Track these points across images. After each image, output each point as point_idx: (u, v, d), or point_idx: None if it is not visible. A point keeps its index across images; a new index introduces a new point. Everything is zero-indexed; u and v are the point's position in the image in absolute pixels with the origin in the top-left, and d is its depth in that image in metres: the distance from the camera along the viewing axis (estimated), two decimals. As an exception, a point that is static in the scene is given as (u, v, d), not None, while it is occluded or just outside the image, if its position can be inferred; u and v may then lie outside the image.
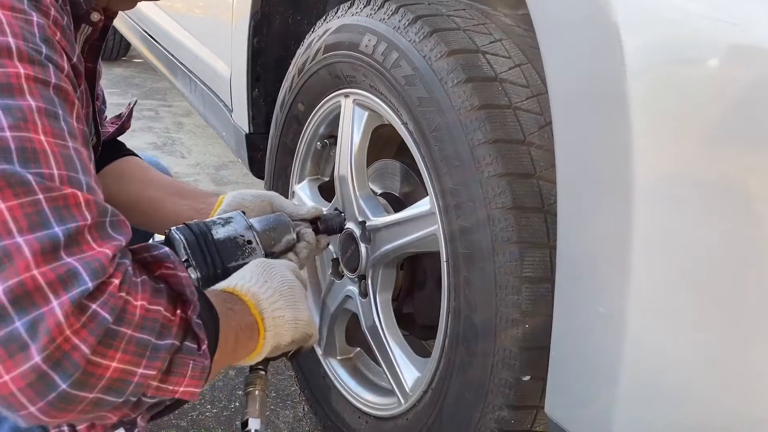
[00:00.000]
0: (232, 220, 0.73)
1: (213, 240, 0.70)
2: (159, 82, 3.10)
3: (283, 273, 0.67)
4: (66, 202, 0.45)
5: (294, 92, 1.04)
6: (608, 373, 0.57)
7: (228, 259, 0.69)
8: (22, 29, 0.48)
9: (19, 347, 0.42)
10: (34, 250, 0.43)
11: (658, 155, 0.53)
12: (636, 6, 0.53)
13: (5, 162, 0.44)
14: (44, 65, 0.49)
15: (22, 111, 0.46)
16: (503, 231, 0.65)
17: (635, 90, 0.52)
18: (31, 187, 0.44)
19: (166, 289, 0.51)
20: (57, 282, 0.43)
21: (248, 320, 0.62)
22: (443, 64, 0.70)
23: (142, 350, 0.47)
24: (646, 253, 0.53)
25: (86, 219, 0.46)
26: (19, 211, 0.43)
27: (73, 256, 0.45)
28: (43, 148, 0.46)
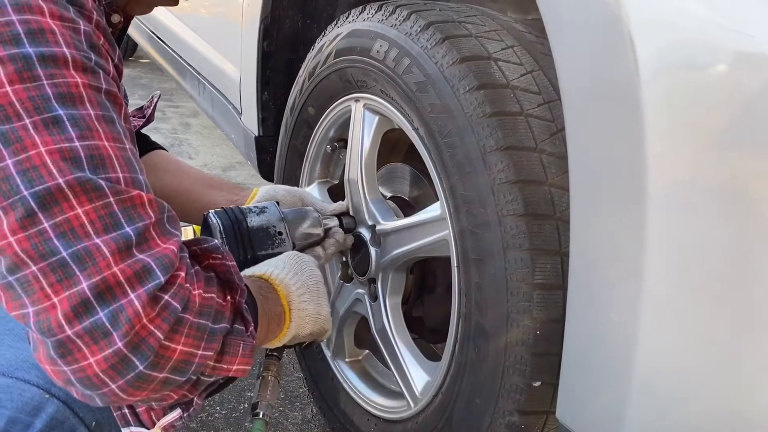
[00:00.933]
0: (267, 210, 0.77)
1: (247, 227, 0.74)
2: (166, 82, 3.11)
3: (312, 268, 0.72)
4: (133, 203, 0.50)
5: (304, 96, 1.04)
6: (620, 379, 0.57)
7: (259, 248, 0.74)
8: (72, 39, 0.51)
9: (102, 334, 0.47)
10: (111, 250, 0.47)
11: (672, 161, 0.53)
12: (649, 12, 0.53)
13: (79, 170, 0.48)
14: (95, 72, 0.52)
15: (85, 120, 0.49)
16: (515, 237, 0.65)
17: (649, 96, 0.52)
18: (103, 192, 0.48)
19: (216, 278, 0.55)
20: (134, 277, 0.48)
21: (278, 309, 0.66)
22: (455, 71, 0.71)
23: (201, 334, 0.51)
24: (659, 259, 0.54)
25: (151, 217, 0.50)
26: (95, 215, 0.48)
27: (144, 252, 0.49)
28: (108, 154, 0.50)
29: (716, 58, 0.52)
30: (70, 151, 0.48)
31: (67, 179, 0.47)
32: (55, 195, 0.47)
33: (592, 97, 0.58)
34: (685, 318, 0.55)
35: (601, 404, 0.60)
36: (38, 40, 0.49)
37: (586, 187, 0.59)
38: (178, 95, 3.02)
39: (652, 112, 0.52)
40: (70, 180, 0.47)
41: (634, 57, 0.52)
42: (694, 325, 0.55)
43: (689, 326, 0.55)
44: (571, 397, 0.63)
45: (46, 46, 0.49)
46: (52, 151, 0.47)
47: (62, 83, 0.49)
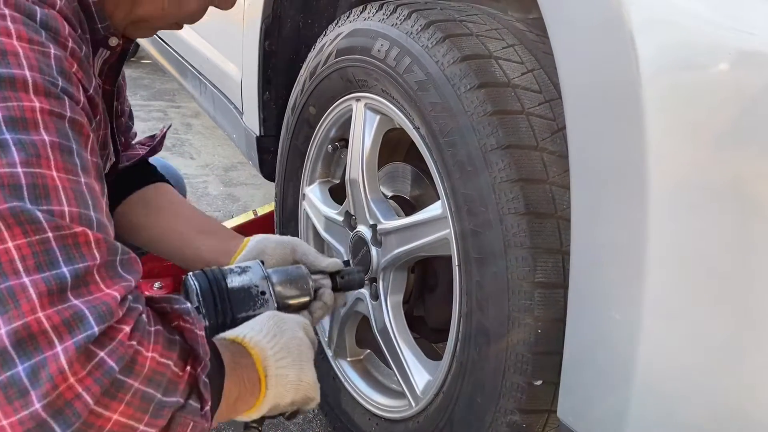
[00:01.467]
0: (249, 269, 0.72)
1: (226, 288, 0.69)
2: (167, 83, 3.12)
3: (294, 329, 0.65)
4: (76, 241, 0.45)
5: (305, 95, 1.04)
6: (622, 378, 0.57)
7: (239, 309, 0.69)
8: (39, 61, 0.48)
9: (19, 392, 0.41)
10: (40, 291, 0.42)
11: (673, 160, 0.53)
12: (650, 11, 0.53)
13: (16, 199, 0.43)
14: (60, 98, 0.48)
15: (35, 146, 0.45)
16: (516, 236, 0.65)
17: (650, 94, 0.52)
18: (41, 225, 0.44)
19: (180, 342, 0.50)
20: (62, 325, 0.42)
21: (252, 376, 0.60)
22: (456, 70, 0.71)
23: (146, 405, 0.45)
24: (661, 258, 0.53)
25: (95, 258, 0.45)
26: (28, 250, 0.43)
27: (80, 297, 0.44)
28: (54, 185, 0.45)
29: (717, 57, 0.52)
30: (10, 177, 0.43)
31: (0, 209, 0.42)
32: None
33: (593, 96, 0.58)
34: (686, 317, 0.55)
35: (602, 403, 0.60)
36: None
37: (587, 185, 0.59)
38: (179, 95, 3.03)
39: (653, 110, 0.52)
40: (2, 210, 0.42)
41: (635, 56, 0.52)
42: (696, 323, 0.55)
43: (691, 325, 0.55)
44: (572, 396, 0.63)
45: (6, 68, 0.46)
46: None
47: (16, 106, 0.45)
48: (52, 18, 0.51)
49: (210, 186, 2.15)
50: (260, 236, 0.85)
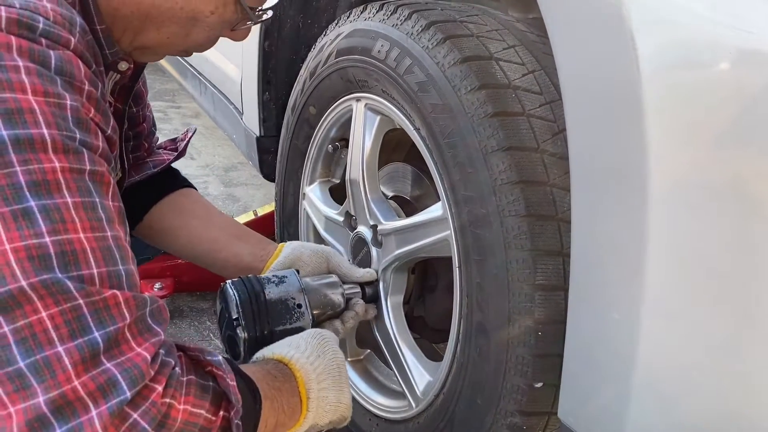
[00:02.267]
0: (286, 279, 0.75)
1: (265, 300, 0.72)
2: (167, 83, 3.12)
3: (335, 349, 0.68)
4: (106, 304, 0.46)
5: (305, 95, 1.04)
6: (622, 378, 0.57)
7: (276, 322, 0.71)
8: (55, 116, 0.48)
9: None
10: (74, 361, 0.44)
11: (673, 160, 0.53)
12: (650, 10, 0.53)
13: (45, 270, 0.45)
14: (78, 152, 0.48)
15: (59, 210, 0.46)
16: (516, 238, 0.65)
17: (650, 95, 0.52)
18: (71, 294, 0.45)
19: (213, 387, 0.52)
20: (97, 391, 0.44)
21: (294, 401, 0.62)
22: (456, 71, 0.70)
23: None
24: (661, 259, 0.53)
25: (125, 318, 0.47)
26: (60, 319, 0.44)
27: (113, 360, 0.46)
28: (82, 248, 0.46)
29: (717, 56, 0.52)
30: (39, 248, 0.44)
31: (32, 282, 0.44)
32: (18, 298, 0.43)
33: (594, 97, 0.57)
34: (686, 317, 0.55)
35: (603, 403, 0.60)
36: (14, 121, 0.46)
37: (587, 186, 0.59)
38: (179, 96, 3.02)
39: (652, 110, 0.52)
40: (34, 282, 0.44)
41: (635, 56, 0.52)
42: (696, 323, 0.55)
43: (691, 325, 0.55)
44: (573, 397, 0.63)
45: (23, 128, 0.46)
46: (18, 248, 0.44)
47: (37, 169, 0.46)
48: (66, 62, 0.50)
49: (210, 186, 2.15)
50: (295, 243, 0.88)
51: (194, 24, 0.64)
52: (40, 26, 0.49)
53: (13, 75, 0.46)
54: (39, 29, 0.48)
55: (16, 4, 0.49)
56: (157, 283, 1.35)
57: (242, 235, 0.90)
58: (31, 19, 0.48)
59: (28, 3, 0.49)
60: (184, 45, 0.67)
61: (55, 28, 0.50)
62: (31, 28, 0.48)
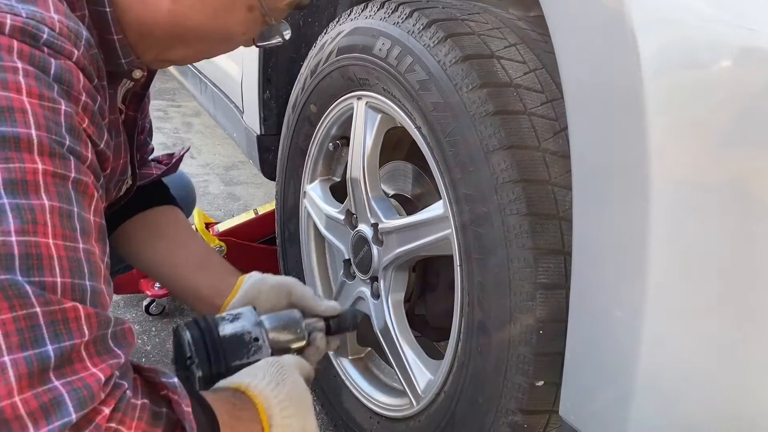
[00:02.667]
0: (241, 316, 0.72)
1: (218, 337, 0.68)
2: (168, 82, 3.11)
3: (295, 376, 0.64)
4: (65, 316, 0.43)
5: (306, 93, 1.04)
6: (624, 376, 0.57)
7: (232, 357, 0.68)
8: (47, 119, 0.46)
9: None
10: (20, 373, 0.41)
11: (675, 159, 0.53)
12: (652, 8, 0.53)
13: (6, 271, 0.42)
14: (65, 158, 0.47)
15: (33, 211, 0.44)
16: (518, 237, 0.65)
17: (652, 93, 0.52)
18: (29, 300, 0.42)
19: (167, 414, 0.49)
20: (39, 411, 0.41)
21: (255, 428, 0.58)
22: (458, 69, 0.70)
23: None
24: (663, 257, 0.53)
25: (84, 335, 0.44)
26: (12, 326, 0.41)
27: (62, 378, 0.42)
28: (49, 254, 0.44)
29: (719, 54, 0.52)
30: (3, 245, 0.42)
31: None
32: None
33: (595, 95, 0.57)
34: (689, 315, 0.55)
35: (605, 401, 0.60)
36: (3, 118, 0.44)
37: (589, 185, 0.59)
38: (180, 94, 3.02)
39: (655, 109, 0.52)
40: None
41: (637, 54, 0.52)
42: (698, 322, 0.55)
43: (693, 324, 0.55)
44: (575, 395, 0.63)
45: (11, 126, 0.44)
46: None
47: (17, 168, 0.44)
48: (66, 71, 0.49)
49: (211, 185, 2.15)
50: (256, 277, 0.84)
51: (226, 41, 0.66)
52: (44, 36, 0.48)
53: (9, 75, 0.45)
54: (42, 39, 0.48)
55: (23, 14, 0.48)
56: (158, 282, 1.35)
57: (206, 265, 0.87)
58: (35, 28, 0.48)
59: (35, 13, 0.49)
60: (209, 56, 0.68)
61: (59, 39, 0.49)
62: (34, 37, 0.48)
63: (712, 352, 0.55)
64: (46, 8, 0.50)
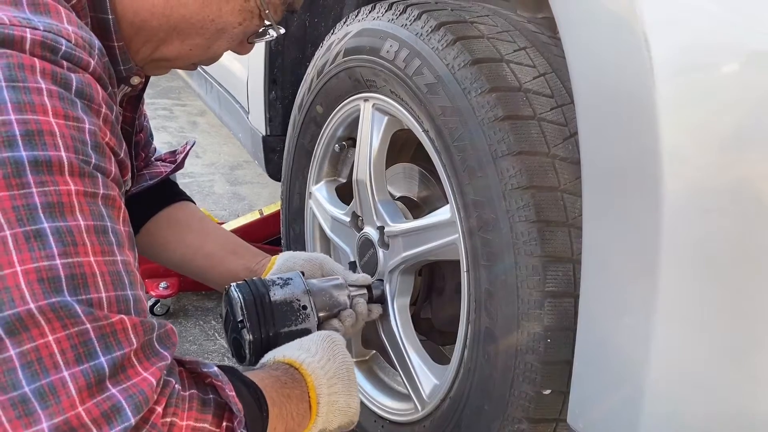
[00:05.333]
0: (291, 281, 0.74)
1: (270, 302, 0.71)
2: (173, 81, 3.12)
3: (344, 352, 0.68)
4: (113, 329, 0.46)
5: (313, 94, 1.04)
6: (634, 384, 0.56)
7: (281, 324, 0.70)
8: (74, 139, 0.48)
9: None
10: (79, 386, 0.44)
11: (688, 163, 0.52)
12: (664, 11, 0.52)
13: (55, 293, 0.44)
14: (93, 177, 0.49)
15: (71, 233, 0.46)
16: (526, 244, 0.64)
17: (664, 97, 0.51)
18: (79, 318, 0.45)
19: (214, 399, 0.52)
20: (101, 418, 0.44)
21: (303, 406, 0.62)
22: (467, 73, 0.70)
23: None
24: (675, 263, 0.53)
25: (132, 344, 0.47)
26: (67, 343, 0.44)
27: (118, 385, 0.45)
28: (92, 271, 0.46)
29: (732, 56, 0.51)
30: (49, 270, 0.44)
31: (40, 305, 0.43)
32: (25, 321, 0.43)
33: (607, 100, 0.57)
34: (700, 321, 0.54)
35: (614, 409, 0.59)
36: (34, 142, 0.46)
37: (600, 190, 0.58)
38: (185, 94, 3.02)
39: (667, 113, 0.51)
40: (43, 305, 0.43)
41: (649, 57, 0.51)
42: (709, 328, 0.54)
43: (704, 330, 0.54)
44: (583, 403, 0.62)
45: (42, 150, 0.46)
46: (29, 270, 0.44)
47: (53, 191, 0.46)
48: (86, 85, 0.51)
49: (216, 185, 2.15)
50: (288, 253, 0.88)
51: (220, 36, 0.65)
52: (62, 48, 0.49)
53: (35, 97, 0.47)
54: (61, 51, 0.49)
55: (41, 27, 0.49)
56: (162, 282, 1.35)
57: (237, 249, 0.90)
58: (54, 41, 0.49)
59: (51, 26, 0.50)
60: (203, 56, 0.68)
61: (77, 51, 0.50)
62: (53, 50, 0.49)
63: (723, 359, 0.54)
64: (59, 19, 0.51)
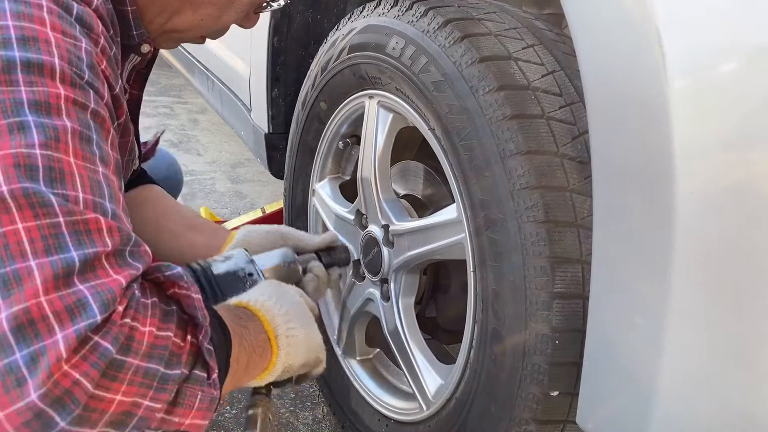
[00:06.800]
0: (233, 256, 0.73)
1: (213, 275, 0.69)
2: (174, 78, 3.10)
3: (294, 295, 0.66)
4: (87, 227, 0.44)
5: (316, 91, 1.03)
6: (645, 384, 0.55)
7: (229, 292, 0.68)
8: (69, 52, 0.48)
9: (16, 381, 0.39)
10: (45, 276, 0.41)
11: (701, 163, 0.51)
12: (678, 8, 0.51)
13: (30, 180, 0.42)
14: (85, 90, 0.48)
15: (56, 130, 0.45)
16: (534, 245, 0.63)
17: (677, 96, 0.50)
18: (53, 209, 0.43)
19: (177, 312, 0.48)
20: (64, 312, 0.41)
21: (261, 338, 0.59)
22: (474, 71, 0.69)
23: (149, 381, 0.44)
24: (687, 262, 0.52)
25: (106, 245, 0.44)
26: (37, 233, 0.42)
27: (85, 282, 0.42)
28: (71, 170, 0.44)
29: (746, 55, 0.50)
30: (27, 157, 0.43)
31: (12, 188, 0.41)
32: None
33: (618, 98, 0.56)
34: (712, 321, 0.53)
35: (625, 409, 0.59)
36: (29, 46, 0.46)
37: (610, 189, 0.57)
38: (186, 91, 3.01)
39: (680, 111, 0.50)
40: (15, 189, 0.41)
41: (662, 54, 0.50)
42: (721, 328, 0.53)
43: (716, 330, 0.53)
44: (593, 403, 0.62)
45: (36, 53, 0.46)
46: (6, 156, 0.42)
47: (41, 91, 0.45)
48: (87, 15, 0.51)
49: (217, 183, 2.14)
50: (247, 227, 0.86)
51: (230, 5, 0.67)
52: None
53: (35, 11, 0.47)
54: None
55: None
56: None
57: (198, 226, 0.90)
58: None
59: None
60: (213, 27, 0.69)
61: None
62: None
63: (734, 360, 0.54)
64: None
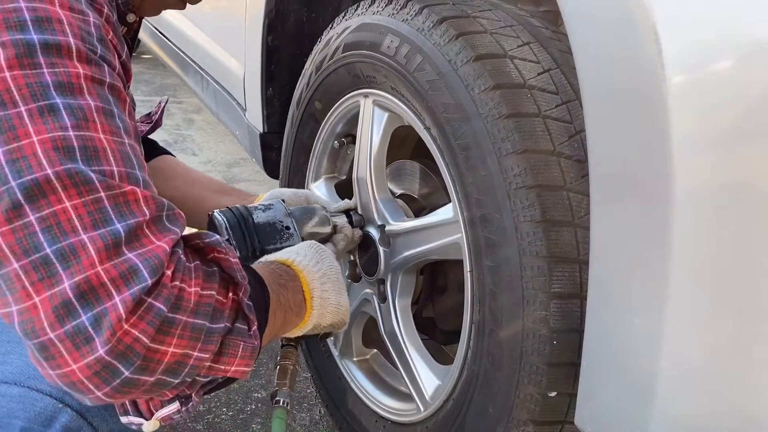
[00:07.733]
0: (273, 206, 0.77)
1: (253, 223, 0.73)
2: (168, 78, 3.09)
3: (332, 258, 0.71)
4: (126, 199, 0.47)
5: (311, 90, 1.02)
6: (644, 384, 0.55)
7: (266, 242, 0.73)
8: (80, 29, 0.50)
9: (84, 340, 0.45)
10: (97, 247, 0.45)
11: (699, 162, 0.50)
12: (675, 4, 0.50)
13: (70, 161, 0.46)
14: (99, 65, 0.50)
15: (82, 110, 0.48)
16: (531, 245, 0.63)
17: (675, 93, 0.49)
18: (94, 185, 0.46)
19: (218, 272, 0.53)
20: (119, 278, 0.45)
21: (299, 298, 0.65)
22: (469, 70, 0.68)
23: (197, 334, 0.49)
24: (685, 262, 0.51)
25: (145, 214, 0.48)
26: (83, 209, 0.46)
27: (133, 251, 0.47)
28: (103, 146, 0.48)
29: (745, 52, 0.50)
30: (63, 140, 0.46)
31: (57, 170, 0.45)
32: (43, 187, 0.45)
33: (615, 96, 0.55)
34: (711, 321, 0.53)
35: (624, 410, 0.59)
36: (44, 27, 0.48)
37: (608, 189, 0.57)
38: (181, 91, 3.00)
39: (678, 109, 0.50)
40: (59, 171, 0.45)
41: (659, 51, 0.50)
42: (721, 328, 0.53)
43: (715, 330, 0.53)
44: (591, 403, 0.61)
45: (52, 35, 0.48)
46: (45, 140, 0.45)
47: (62, 72, 0.48)
48: None
49: (213, 181, 2.13)
50: (273, 190, 0.92)
51: None
52: None
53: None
54: None
55: None
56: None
57: (225, 189, 0.95)
58: None
59: None
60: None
61: None
62: None
63: (734, 359, 0.53)
64: None
